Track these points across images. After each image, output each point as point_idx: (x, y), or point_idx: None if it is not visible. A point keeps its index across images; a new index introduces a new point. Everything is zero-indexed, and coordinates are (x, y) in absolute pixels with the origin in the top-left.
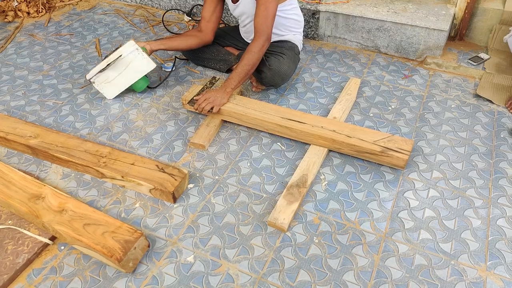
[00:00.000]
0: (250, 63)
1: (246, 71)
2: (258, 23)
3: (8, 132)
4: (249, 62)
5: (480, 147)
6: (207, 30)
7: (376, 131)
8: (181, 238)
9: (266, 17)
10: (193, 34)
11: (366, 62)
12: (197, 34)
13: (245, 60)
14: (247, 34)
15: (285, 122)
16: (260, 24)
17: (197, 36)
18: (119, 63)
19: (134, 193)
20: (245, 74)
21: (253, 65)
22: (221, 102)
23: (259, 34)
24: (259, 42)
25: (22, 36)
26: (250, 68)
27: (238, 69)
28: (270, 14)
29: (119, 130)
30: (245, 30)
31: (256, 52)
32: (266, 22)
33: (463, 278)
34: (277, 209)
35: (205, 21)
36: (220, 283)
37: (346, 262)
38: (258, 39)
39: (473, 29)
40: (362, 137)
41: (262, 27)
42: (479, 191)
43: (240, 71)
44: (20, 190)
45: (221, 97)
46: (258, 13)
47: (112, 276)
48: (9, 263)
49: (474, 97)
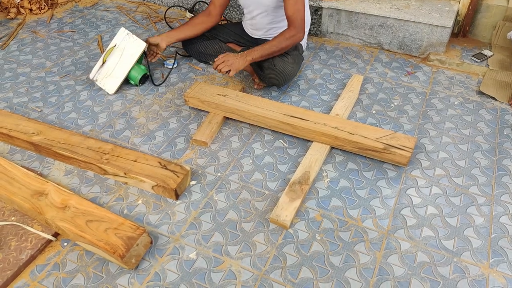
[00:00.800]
0: (279, 46)
1: (272, 51)
2: (290, 13)
3: (11, 129)
4: (278, 45)
5: (483, 144)
6: (215, 13)
7: (378, 129)
8: (183, 234)
9: (298, 10)
10: (201, 21)
11: (368, 59)
12: (205, 20)
13: (275, 42)
14: (253, 27)
15: (287, 119)
16: (292, 14)
17: (204, 22)
18: (115, 53)
19: (136, 190)
20: (269, 53)
21: (280, 49)
22: (238, 67)
23: (293, 25)
24: (293, 31)
25: (25, 33)
26: (277, 50)
27: (266, 45)
28: (301, 5)
29: (122, 127)
30: (252, 23)
31: (288, 39)
32: (300, 13)
33: (466, 275)
34: (279, 206)
35: (214, 6)
36: (222, 280)
37: (348, 259)
38: (293, 29)
39: (477, 25)
40: (365, 134)
41: (295, 17)
42: (482, 189)
43: (267, 47)
44: (23, 187)
45: (239, 62)
46: (289, 7)
47: (115, 273)
48: (13, 259)
49: (478, 94)
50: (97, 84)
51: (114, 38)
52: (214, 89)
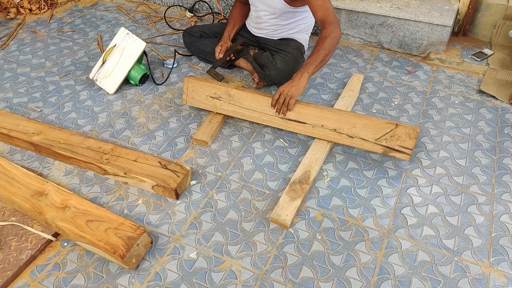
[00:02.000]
0: (326, 48)
1: (323, 56)
2: (323, 16)
3: (11, 129)
4: (325, 47)
5: (483, 143)
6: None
7: (379, 122)
8: (184, 234)
9: (328, 9)
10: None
11: (369, 58)
12: (242, 8)
13: (321, 46)
14: (258, 26)
15: (284, 125)
16: (326, 16)
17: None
18: (115, 52)
19: (136, 189)
20: (321, 60)
21: (329, 50)
22: (298, 92)
23: (328, 23)
24: (332, 30)
25: (25, 33)
26: (326, 53)
27: (314, 54)
28: (329, 4)
29: (122, 126)
30: (257, 22)
31: (332, 38)
32: (330, 12)
33: (466, 274)
34: (279, 205)
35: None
36: (222, 280)
37: (349, 258)
38: (330, 27)
39: (477, 24)
40: (364, 135)
41: (329, 18)
42: (483, 188)
43: (316, 56)
44: (23, 187)
45: (298, 86)
46: (318, 9)
47: (115, 273)
48: (13, 259)
49: (478, 93)
50: (97, 84)
51: (114, 38)
52: (206, 90)
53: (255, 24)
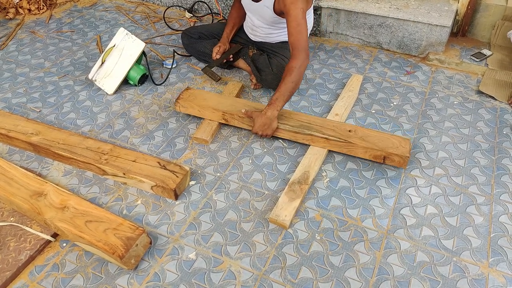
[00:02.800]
0: (294, 81)
1: (291, 89)
2: (294, 41)
3: (10, 129)
4: (292, 80)
5: (482, 143)
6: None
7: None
8: (183, 235)
9: (300, 33)
10: (238, 12)
11: (368, 58)
12: (240, 8)
13: (288, 78)
14: (253, 32)
15: None
16: (297, 41)
17: (242, 11)
18: (114, 53)
19: (135, 190)
20: (290, 92)
21: (296, 82)
22: (273, 128)
23: (298, 51)
24: (299, 60)
25: (23, 33)
26: (294, 85)
27: (282, 88)
28: (303, 29)
29: (121, 127)
30: (252, 28)
31: (298, 69)
32: (303, 37)
33: (465, 274)
34: (278, 206)
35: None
36: (222, 280)
37: (348, 259)
38: (298, 56)
39: (476, 25)
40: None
41: (299, 43)
42: (482, 188)
43: (284, 90)
44: (22, 187)
45: (271, 124)
46: (292, 31)
47: (114, 273)
48: (12, 260)
49: (477, 94)
50: (96, 84)
51: (113, 38)
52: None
53: (251, 30)
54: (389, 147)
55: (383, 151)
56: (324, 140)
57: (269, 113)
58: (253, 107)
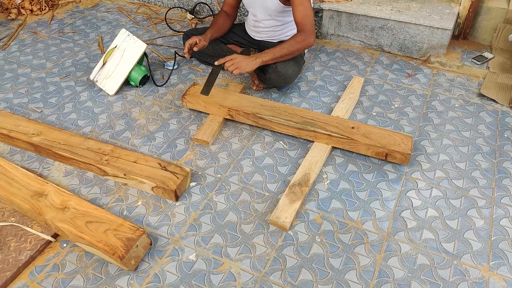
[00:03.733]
0: (290, 49)
1: (283, 53)
2: (300, 18)
3: (11, 129)
4: (289, 48)
5: (483, 146)
6: (232, 11)
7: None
8: (183, 236)
9: (307, 16)
10: (224, 21)
11: (369, 60)
12: (227, 19)
13: (287, 45)
14: (256, 30)
15: None
16: (304, 23)
17: (226, 23)
18: (116, 54)
19: (136, 191)
20: (280, 55)
21: (291, 52)
22: (245, 69)
23: (304, 30)
24: (304, 36)
25: (25, 33)
26: (287, 53)
27: (277, 48)
28: (309, 11)
29: (122, 128)
30: (255, 25)
31: (299, 43)
32: (310, 20)
33: (466, 278)
34: (279, 207)
35: (227, 6)
36: (222, 282)
37: (348, 261)
38: (304, 33)
39: (477, 28)
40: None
41: (306, 25)
42: (482, 191)
43: (278, 50)
44: (23, 188)
45: (247, 64)
46: (296, 10)
47: (114, 274)
48: (12, 260)
49: (478, 97)
50: (98, 85)
51: (115, 39)
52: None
53: (254, 28)
54: (391, 144)
55: (385, 148)
56: (327, 137)
57: (252, 57)
58: (258, 102)
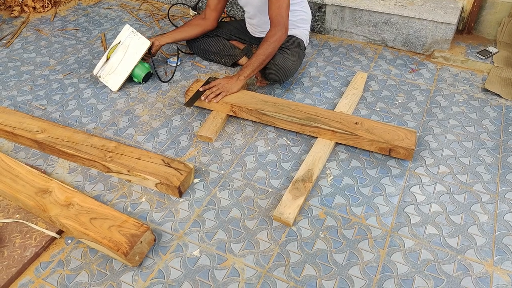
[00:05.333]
0: (265, 53)
1: (261, 61)
2: (273, 14)
3: (15, 127)
4: (264, 52)
5: (487, 141)
6: (211, 18)
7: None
8: (187, 232)
9: (279, 7)
10: (197, 23)
11: (372, 56)
12: (201, 23)
13: (260, 50)
14: (253, 27)
15: None
16: (275, 15)
17: (200, 25)
18: (119, 50)
19: (140, 187)
20: (259, 64)
21: (268, 55)
22: (231, 90)
23: (274, 24)
24: (275, 32)
25: (29, 31)
26: (265, 58)
27: (253, 58)
28: (284, 4)
29: (125, 124)
30: (250, 23)
31: (272, 42)
32: (280, 12)
33: (470, 273)
34: (282, 203)
35: (210, 9)
36: (225, 277)
37: (351, 256)
38: (274, 29)
39: (482, 22)
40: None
41: (277, 17)
42: (487, 186)
43: (255, 60)
44: (27, 184)
45: (232, 85)
46: (271, 5)
47: (119, 270)
48: (17, 256)
49: (482, 91)
50: (101, 80)
51: (119, 35)
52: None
53: (250, 26)
54: (395, 139)
55: (388, 144)
56: (330, 133)
57: (234, 77)
58: (261, 99)
